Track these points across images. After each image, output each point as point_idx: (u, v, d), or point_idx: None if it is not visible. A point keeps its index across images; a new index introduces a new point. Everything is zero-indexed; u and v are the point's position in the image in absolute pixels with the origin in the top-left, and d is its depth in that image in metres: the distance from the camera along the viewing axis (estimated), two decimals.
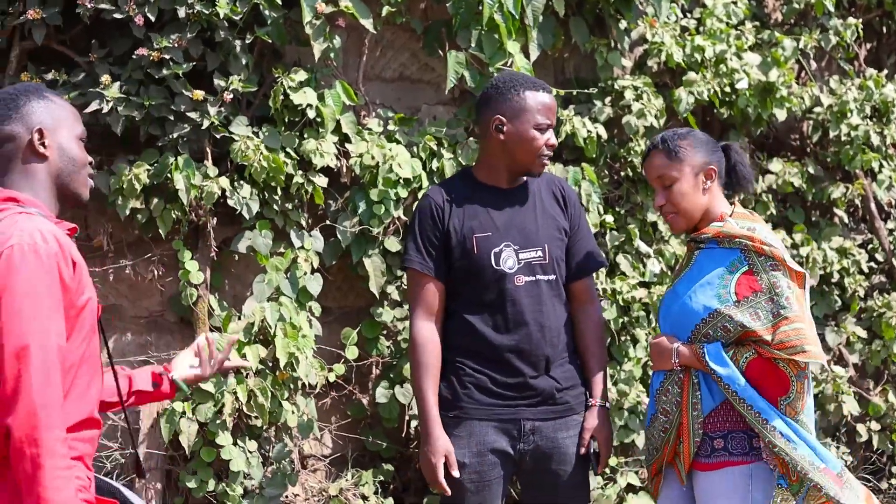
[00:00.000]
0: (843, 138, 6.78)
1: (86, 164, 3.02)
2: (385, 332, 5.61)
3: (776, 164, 6.78)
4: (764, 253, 3.79)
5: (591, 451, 4.13)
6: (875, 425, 6.80)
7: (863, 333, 6.82)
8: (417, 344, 4.06)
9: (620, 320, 5.92)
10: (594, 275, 4.41)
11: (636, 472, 5.93)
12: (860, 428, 6.76)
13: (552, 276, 4.10)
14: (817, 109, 6.86)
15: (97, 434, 2.93)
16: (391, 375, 5.52)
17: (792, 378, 3.72)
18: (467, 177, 4.23)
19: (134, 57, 4.98)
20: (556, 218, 4.17)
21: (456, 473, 3.98)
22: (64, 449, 2.65)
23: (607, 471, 5.84)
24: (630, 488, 5.94)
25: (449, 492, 3.99)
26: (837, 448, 6.63)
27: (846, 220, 7.11)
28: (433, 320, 4.09)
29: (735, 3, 6.68)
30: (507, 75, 4.18)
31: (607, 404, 4.18)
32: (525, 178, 4.17)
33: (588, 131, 5.91)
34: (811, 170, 6.87)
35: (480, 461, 4.04)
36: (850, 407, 6.56)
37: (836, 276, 6.77)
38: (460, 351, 4.10)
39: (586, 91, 6.13)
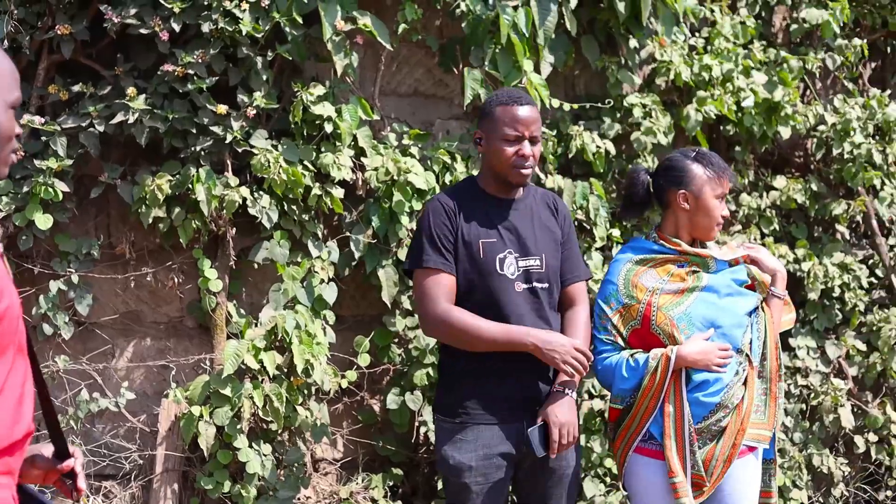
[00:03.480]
0: (846, 156, 6.93)
1: (12, 138, 2.47)
2: (396, 340, 5.76)
3: (780, 181, 6.93)
4: None
5: (537, 430, 4.15)
6: (872, 437, 6.95)
7: (862, 347, 6.95)
8: (457, 315, 4.12)
9: None
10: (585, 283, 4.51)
11: None
12: (858, 439, 6.90)
13: (546, 285, 4.27)
14: (821, 127, 7.01)
15: (28, 443, 2.59)
16: (402, 382, 5.66)
17: None
18: (472, 184, 4.39)
19: (159, 72, 5.13)
20: (552, 229, 4.34)
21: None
22: None
23: (607, 479, 5.99)
24: None
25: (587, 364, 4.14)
26: (836, 459, 6.77)
27: (848, 237, 7.26)
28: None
29: (743, 24, 6.81)
30: (495, 92, 4.38)
31: (573, 393, 4.24)
32: (521, 189, 4.34)
33: (597, 147, 6.06)
34: (814, 186, 7.01)
35: (486, 464, 4.19)
36: (848, 418, 6.70)
37: (837, 291, 6.91)
38: (463, 359, 4.23)
39: (596, 106, 6.27)
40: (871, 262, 7.23)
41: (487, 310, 4.16)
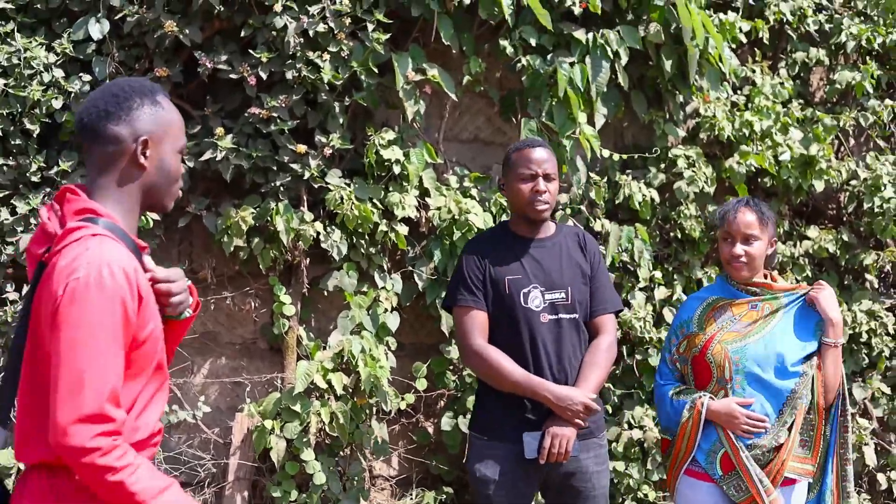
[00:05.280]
0: (876, 209, 7.29)
1: (179, 179, 2.94)
2: (451, 367, 6.20)
3: (813, 231, 7.31)
4: None
5: (534, 436, 4.53)
6: (894, 475, 7.29)
7: (887, 390, 7.31)
8: (490, 353, 4.55)
9: None
10: (614, 315, 4.85)
11: None
12: (881, 477, 7.26)
13: (574, 315, 4.66)
14: (853, 182, 7.41)
15: (160, 439, 2.93)
16: (455, 407, 6.10)
17: None
18: (504, 228, 4.85)
19: (245, 114, 5.60)
20: (580, 263, 4.75)
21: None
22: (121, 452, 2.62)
23: None
24: None
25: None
26: (859, 494, 7.11)
27: (876, 285, 7.60)
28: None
29: (782, 85, 7.24)
30: (512, 144, 4.87)
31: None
32: (552, 228, 4.78)
33: (643, 195, 6.49)
34: (845, 237, 7.38)
35: (509, 478, 4.55)
36: (871, 457, 7.04)
37: (864, 336, 7.25)
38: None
39: (644, 156, 6.70)
40: None
41: (516, 339, 4.60)
